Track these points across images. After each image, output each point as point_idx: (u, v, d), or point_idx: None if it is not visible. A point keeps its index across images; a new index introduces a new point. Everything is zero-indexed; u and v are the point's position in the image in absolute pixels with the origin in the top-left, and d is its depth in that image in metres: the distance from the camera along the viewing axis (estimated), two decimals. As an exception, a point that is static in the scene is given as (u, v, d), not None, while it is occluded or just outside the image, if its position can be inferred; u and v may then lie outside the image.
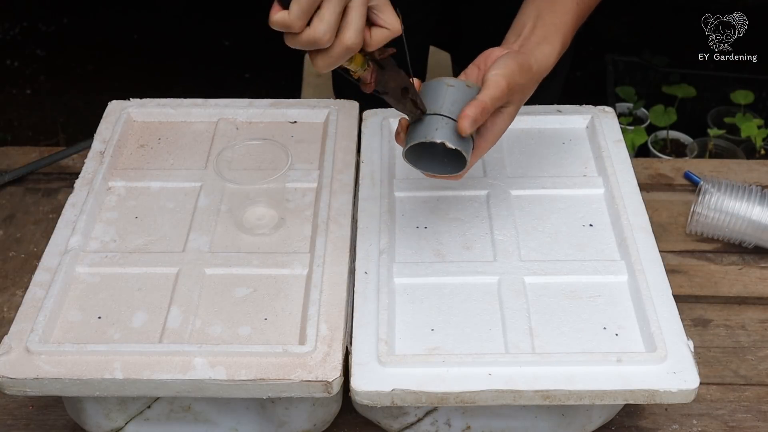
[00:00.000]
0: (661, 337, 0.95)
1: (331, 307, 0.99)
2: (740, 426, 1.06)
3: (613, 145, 1.20)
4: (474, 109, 0.91)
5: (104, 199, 1.15)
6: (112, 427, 1.01)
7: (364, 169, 1.18)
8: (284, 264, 1.05)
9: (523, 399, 0.92)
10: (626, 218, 1.09)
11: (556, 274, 1.04)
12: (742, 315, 1.20)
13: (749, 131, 2.22)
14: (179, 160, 1.21)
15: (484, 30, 1.47)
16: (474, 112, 0.91)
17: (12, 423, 1.06)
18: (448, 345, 0.97)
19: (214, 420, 1.01)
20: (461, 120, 0.91)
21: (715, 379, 1.12)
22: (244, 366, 0.92)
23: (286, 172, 1.09)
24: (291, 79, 2.71)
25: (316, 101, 1.29)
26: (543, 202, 1.14)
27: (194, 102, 1.29)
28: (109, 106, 1.28)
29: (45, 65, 3.07)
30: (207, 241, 1.08)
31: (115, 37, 3.15)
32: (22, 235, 1.31)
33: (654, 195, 1.36)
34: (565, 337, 0.98)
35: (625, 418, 1.06)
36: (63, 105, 2.90)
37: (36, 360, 0.93)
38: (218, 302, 1.01)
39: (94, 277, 1.04)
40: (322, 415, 1.01)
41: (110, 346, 0.95)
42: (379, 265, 1.03)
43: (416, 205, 1.14)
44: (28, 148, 1.44)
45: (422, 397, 0.92)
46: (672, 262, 1.24)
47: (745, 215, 1.24)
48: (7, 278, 1.24)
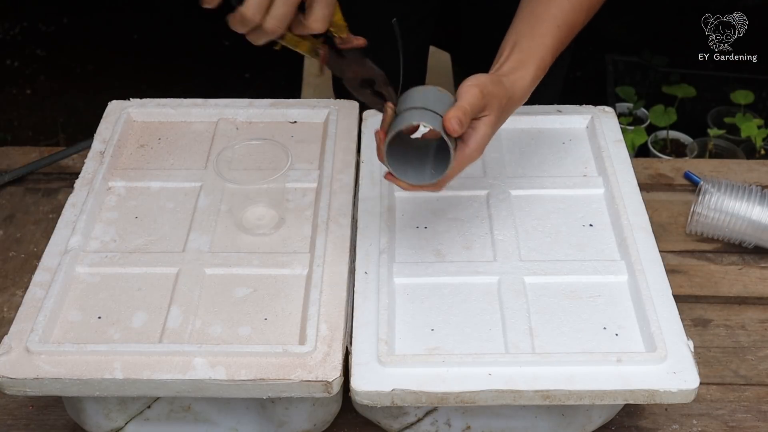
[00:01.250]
0: (661, 337, 0.95)
1: (331, 307, 0.99)
2: (740, 426, 1.06)
3: (613, 145, 1.20)
4: (456, 110, 0.93)
5: (104, 199, 1.15)
6: (112, 427, 1.01)
7: (364, 169, 1.18)
8: (284, 264, 1.05)
9: (523, 399, 0.92)
10: (626, 218, 1.09)
11: (556, 274, 1.04)
12: (742, 315, 1.20)
13: (749, 131, 2.22)
14: (179, 160, 1.21)
15: (484, 30, 1.48)
16: (457, 113, 0.92)
17: (12, 423, 1.06)
18: (448, 345, 0.97)
19: (214, 420, 1.01)
20: (448, 121, 0.92)
21: (715, 379, 1.12)
22: (244, 366, 0.92)
23: (286, 172, 1.09)
24: (291, 79, 2.71)
25: (316, 101, 1.29)
26: (543, 202, 1.14)
27: (194, 102, 1.29)
28: (109, 106, 1.28)
29: (45, 65, 3.07)
30: (207, 241, 1.08)
31: (115, 37, 3.15)
32: (22, 235, 1.31)
33: (654, 195, 1.36)
34: (565, 337, 0.98)
35: (625, 418, 1.06)
36: (63, 105, 2.90)
37: (36, 360, 0.93)
38: (218, 302, 1.01)
39: (94, 277, 1.04)
40: (322, 415, 1.01)
41: (110, 346, 0.95)
42: (379, 265, 1.03)
43: (416, 205, 1.14)
44: (28, 148, 1.44)
45: (422, 397, 0.92)
46: (672, 262, 1.24)
47: (745, 215, 1.24)
48: (7, 278, 1.24)
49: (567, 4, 1.07)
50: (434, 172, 0.96)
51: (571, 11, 1.07)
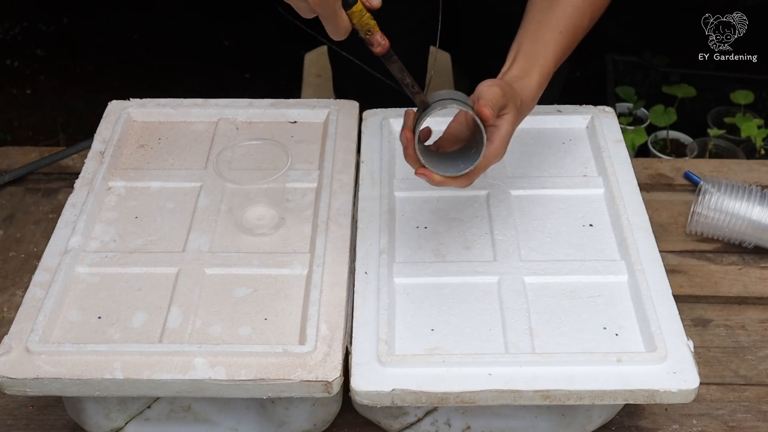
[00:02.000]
0: (661, 337, 0.95)
1: (331, 307, 0.99)
2: (740, 426, 1.07)
3: (613, 145, 1.20)
4: (485, 101, 0.93)
5: (104, 199, 1.15)
6: (112, 427, 1.01)
7: (364, 169, 1.18)
8: (284, 264, 1.05)
9: (523, 399, 0.92)
10: (626, 218, 1.09)
11: (556, 274, 1.04)
12: (742, 315, 1.20)
13: (749, 131, 2.22)
14: (179, 160, 1.21)
15: (484, 30, 1.48)
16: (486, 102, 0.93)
17: (12, 423, 1.06)
18: (448, 345, 0.97)
19: (214, 420, 1.01)
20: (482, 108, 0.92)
21: (715, 379, 1.12)
22: (244, 366, 0.93)
23: (286, 172, 1.09)
24: (291, 79, 2.71)
25: (316, 101, 1.29)
26: (543, 202, 1.14)
27: (194, 102, 1.29)
28: (109, 106, 1.28)
29: (45, 65, 3.07)
30: (207, 241, 1.08)
31: (115, 37, 3.15)
32: (22, 235, 1.31)
33: (654, 195, 1.36)
34: (565, 337, 0.98)
35: (625, 418, 1.06)
36: (63, 105, 2.90)
37: (36, 360, 0.93)
38: (218, 302, 1.01)
39: (94, 277, 1.04)
40: (322, 415, 1.01)
41: (110, 346, 0.95)
42: (379, 265, 1.04)
43: (416, 205, 1.14)
44: (28, 148, 1.44)
45: (422, 397, 0.92)
46: (672, 262, 1.24)
47: (745, 215, 1.24)
48: (7, 278, 1.24)
49: (569, 10, 1.07)
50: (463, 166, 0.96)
51: (573, 16, 1.07)
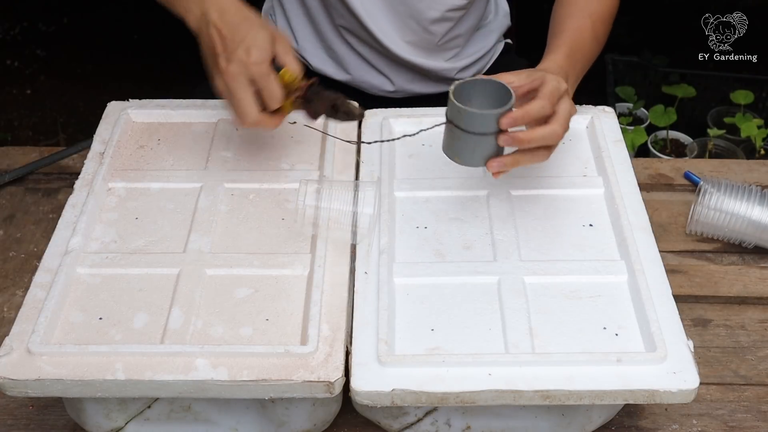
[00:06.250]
0: (661, 337, 0.95)
1: (332, 307, 0.99)
2: (740, 426, 1.07)
3: (613, 145, 1.20)
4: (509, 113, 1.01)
5: (104, 200, 1.15)
6: (113, 427, 1.01)
7: (364, 169, 1.18)
8: (285, 264, 1.05)
9: (523, 399, 0.92)
10: (626, 218, 1.09)
11: (556, 274, 1.04)
12: (742, 315, 1.20)
13: (749, 131, 2.22)
14: (179, 160, 1.21)
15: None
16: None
17: (12, 423, 1.07)
18: (448, 345, 0.97)
19: (214, 420, 1.01)
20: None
21: (715, 379, 1.12)
22: (246, 366, 0.93)
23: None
24: (291, 79, 2.71)
25: (316, 101, 1.29)
26: (543, 202, 1.14)
27: (194, 103, 1.30)
28: (108, 107, 1.28)
29: (45, 65, 3.07)
30: (207, 242, 1.08)
31: (115, 37, 3.15)
32: (22, 235, 1.31)
33: (654, 195, 1.36)
34: (565, 337, 0.98)
35: (625, 418, 1.06)
36: (63, 105, 2.90)
37: (37, 361, 0.93)
38: (219, 303, 1.02)
39: (94, 278, 1.04)
40: (322, 415, 1.01)
41: (112, 347, 0.95)
42: (379, 265, 1.04)
43: (416, 205, 1.14)
44: (28, 148, 1.44)
45: (422, 397, 0.92)
46: (672, 262, 1.24)
47: (745, 215, 1.24)
48: (7, 278, 1.24)
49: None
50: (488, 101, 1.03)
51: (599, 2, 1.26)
